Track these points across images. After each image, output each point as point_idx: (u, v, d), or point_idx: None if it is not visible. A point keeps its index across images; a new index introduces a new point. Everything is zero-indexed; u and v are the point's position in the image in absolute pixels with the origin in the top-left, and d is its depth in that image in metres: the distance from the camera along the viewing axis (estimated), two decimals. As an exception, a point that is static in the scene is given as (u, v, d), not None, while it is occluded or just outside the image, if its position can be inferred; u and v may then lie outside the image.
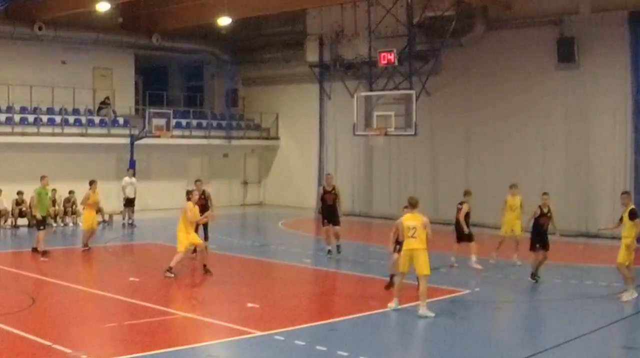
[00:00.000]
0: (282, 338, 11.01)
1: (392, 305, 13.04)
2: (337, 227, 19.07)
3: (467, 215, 17.21)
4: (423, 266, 12.77)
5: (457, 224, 17.35)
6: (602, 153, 24.32)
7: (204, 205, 19.08)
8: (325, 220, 19.15)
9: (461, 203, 17.36)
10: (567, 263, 18.34)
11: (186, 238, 16.11)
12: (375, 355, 10.57)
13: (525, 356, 10.43)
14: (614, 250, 22.09)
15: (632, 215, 13.97)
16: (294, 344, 10.77)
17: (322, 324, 12.19)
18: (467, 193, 17.66)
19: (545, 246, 15.84)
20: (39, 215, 18.82)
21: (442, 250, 18.72)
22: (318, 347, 10.58)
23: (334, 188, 19.18)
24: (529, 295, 15.25)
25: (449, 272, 17.11)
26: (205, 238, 19.27)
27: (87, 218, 20.29)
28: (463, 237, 17.33)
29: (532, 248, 15.91)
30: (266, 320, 12.41)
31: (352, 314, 12.87)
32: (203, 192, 19.25)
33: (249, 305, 13.41)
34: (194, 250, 19.08)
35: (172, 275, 15.77)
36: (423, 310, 12.64)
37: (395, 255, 14.06)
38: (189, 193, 16.76)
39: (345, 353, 10.21)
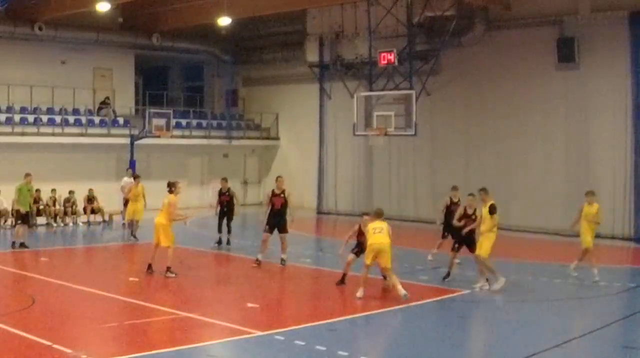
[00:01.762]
0: (282, 338, 11.00)
1: (359, 294, 13.82)
2: (282, 234, 17.58)
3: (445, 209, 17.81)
4: (388, 260, 13.82)
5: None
6: (602, 153, 24.31)
7: (228, 201, 20.74)
8: (268, 226, 17.55)
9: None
10: (567, 263, 18.29)
11: (171, 232, 15.92)
12: (375, 355, 10.58)
13: (525, 356, 10.43)
14: (615, 250, 22.22)
15: (492, 210, 14.75)
16: (294, 344, 10.76)
17: (322, 324, 12.17)
18: (453, 188, 18.36)
19: (466, 247, 15.62)
20: (22, 210, 19.54)
21: (447, 250, 18.74)
22: (318, 347, 10.57)
23: (283, 192, 17.51)
24: (529, 295, 15.22)
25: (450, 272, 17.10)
26: (228, 231, 20.17)
27: (128, 210, 22.38)
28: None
29: (453, 248, 15.77)
30: (266, 320, 12.41)
31: (352, 314, 12.88)
32: (228, 190, 20.68)
33: (249, 305, 13.41)
34: (227, 241, 20.20)
35: (173, 274, 15.72)
36: (403, 290, 13.53)
37: (351, 256, 15.14)
38: (172, 186, 16.26)
39: (345, 353, 10.21)
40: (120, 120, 30.21)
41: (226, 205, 20.73)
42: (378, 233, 13.78)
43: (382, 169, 30.00)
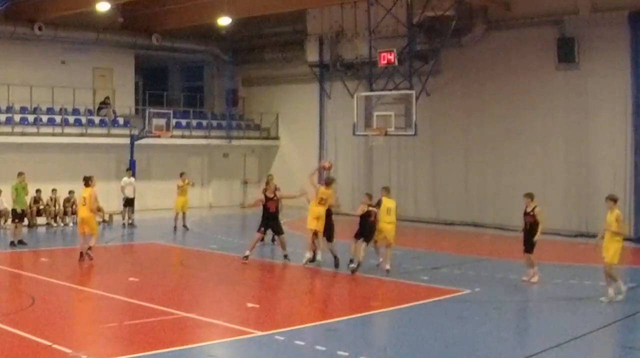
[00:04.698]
0: (282, 338, 11.00)
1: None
2: (280, 236, 18.25)
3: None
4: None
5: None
6: (602, 153, 24.29)
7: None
8: (263, 228, 17.81)
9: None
10: (567, 264, 18.31)
11: (95, 223, 17.64)
12: (375, 355, 10.58)
13: (525, 356, 10.43)
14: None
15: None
16: (294, 344, 10.76)
17: (322, 324, 12.18)
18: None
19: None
20: (18, 208, 20.28)
21: (447, 250, 18.77)
22: (318, 347, 10.57)
23: (275, 195, 18.00)
24: (529, 295, 15.25)
25: (450, 272, 17.11)
26: (280, 232, 18.59)
27: (177, 203, 24.66)
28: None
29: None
30: (266, 320, 12.41)
31: (352, 314, 12.88)
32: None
33: (249, 305, 13.42)
34: (272, 239, 20.23)
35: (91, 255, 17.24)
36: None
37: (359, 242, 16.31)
38: (88, 180, 17.45)
39: (345, 353, 10.21)
40: (120, 120, 30.21)
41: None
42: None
43: (382, 169, 29.97)
